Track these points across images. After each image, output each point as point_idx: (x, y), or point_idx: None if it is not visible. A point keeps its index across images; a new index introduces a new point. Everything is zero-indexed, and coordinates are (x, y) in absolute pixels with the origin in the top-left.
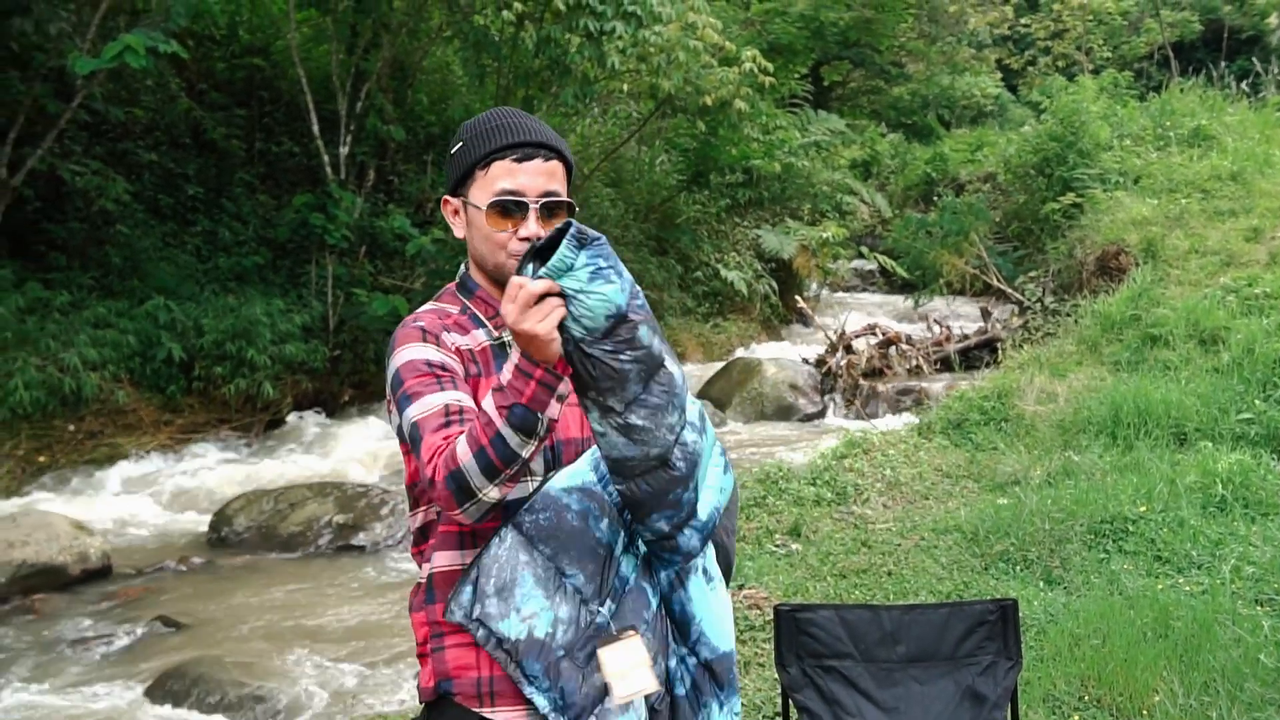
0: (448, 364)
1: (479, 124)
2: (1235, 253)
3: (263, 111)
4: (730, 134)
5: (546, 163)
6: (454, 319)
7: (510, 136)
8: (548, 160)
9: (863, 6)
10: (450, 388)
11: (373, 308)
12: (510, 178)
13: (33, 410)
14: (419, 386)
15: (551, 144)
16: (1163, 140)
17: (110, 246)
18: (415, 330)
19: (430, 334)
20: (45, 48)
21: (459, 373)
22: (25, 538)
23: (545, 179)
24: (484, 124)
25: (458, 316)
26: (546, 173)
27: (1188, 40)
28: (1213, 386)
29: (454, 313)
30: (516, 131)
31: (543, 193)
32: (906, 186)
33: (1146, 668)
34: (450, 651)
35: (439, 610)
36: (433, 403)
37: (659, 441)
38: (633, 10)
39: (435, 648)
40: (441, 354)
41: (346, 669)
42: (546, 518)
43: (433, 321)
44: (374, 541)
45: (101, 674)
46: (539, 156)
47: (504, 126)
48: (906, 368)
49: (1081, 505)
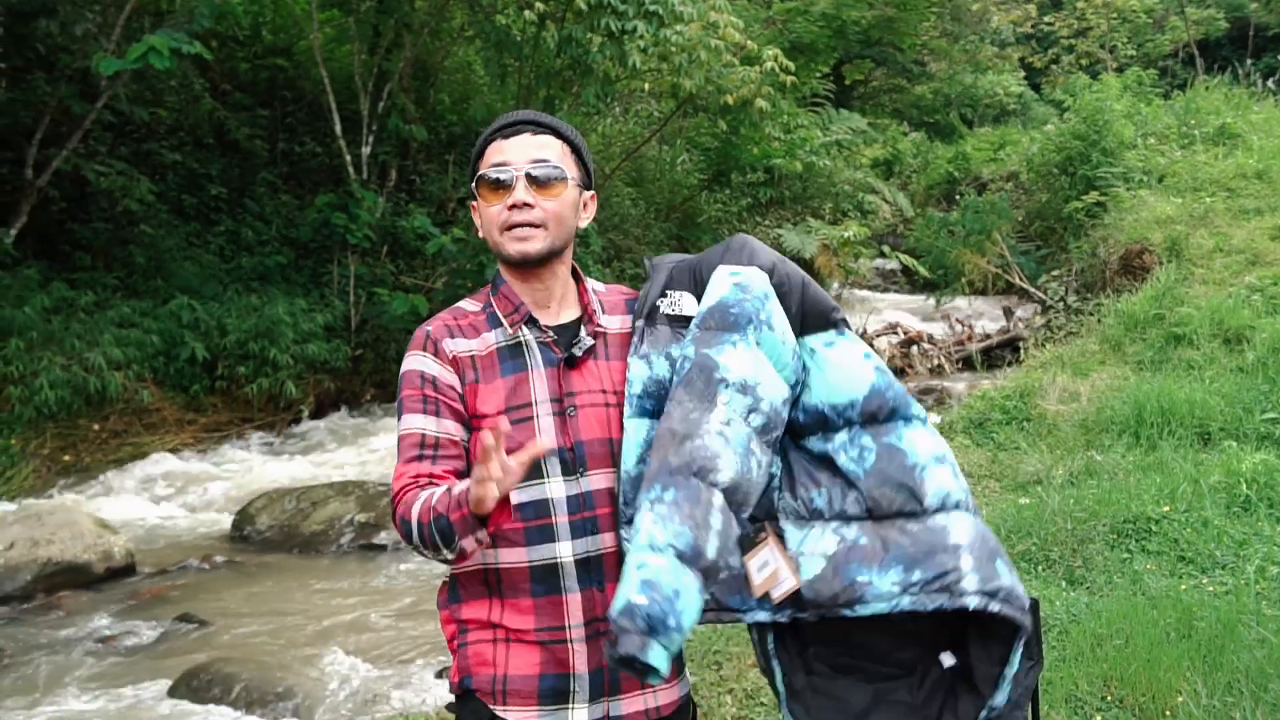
0: (439, 379)
1: (488, 126)
2: (1260, 251)
3: (285, 112)
4: (752, 133)
5: (535, 136)
6: (470, 319)
7: (501, 122)
8: (536, 134)
9: (885, 5)
10: (430, 411)
11: (394, 307)
12: (499, 154)
13: (58, 409)
14: (409, 401)
15: (540, 120)
16: (1187, 139)
17: (134, 246)
18: (421, 335)
19: (432, 341)
20: (71, 49)
21: (449, 385)
22: (50, 536)
23: (535, 149)
24: (490, 123)
25: (475, 316)
26: (535, 145)
27: (1213, 38)
28: (1237, 386)
29: (474, 311)
30: (510, 116)
31: (530, 160)
32: (928, 185)
33: (1170, 668)
34: (472, 648)
35: (462, 608)
36: (413, 425)
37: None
38: (654, 9)
39: (460, 644)
40: (436, 365)
41: (369, 667)
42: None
43: (440, 327)
44: (395, 540)
45: (125, 671)
46: (526, 131)
47: (501, 118)
48: (928, 367)
49: (1104, 505)
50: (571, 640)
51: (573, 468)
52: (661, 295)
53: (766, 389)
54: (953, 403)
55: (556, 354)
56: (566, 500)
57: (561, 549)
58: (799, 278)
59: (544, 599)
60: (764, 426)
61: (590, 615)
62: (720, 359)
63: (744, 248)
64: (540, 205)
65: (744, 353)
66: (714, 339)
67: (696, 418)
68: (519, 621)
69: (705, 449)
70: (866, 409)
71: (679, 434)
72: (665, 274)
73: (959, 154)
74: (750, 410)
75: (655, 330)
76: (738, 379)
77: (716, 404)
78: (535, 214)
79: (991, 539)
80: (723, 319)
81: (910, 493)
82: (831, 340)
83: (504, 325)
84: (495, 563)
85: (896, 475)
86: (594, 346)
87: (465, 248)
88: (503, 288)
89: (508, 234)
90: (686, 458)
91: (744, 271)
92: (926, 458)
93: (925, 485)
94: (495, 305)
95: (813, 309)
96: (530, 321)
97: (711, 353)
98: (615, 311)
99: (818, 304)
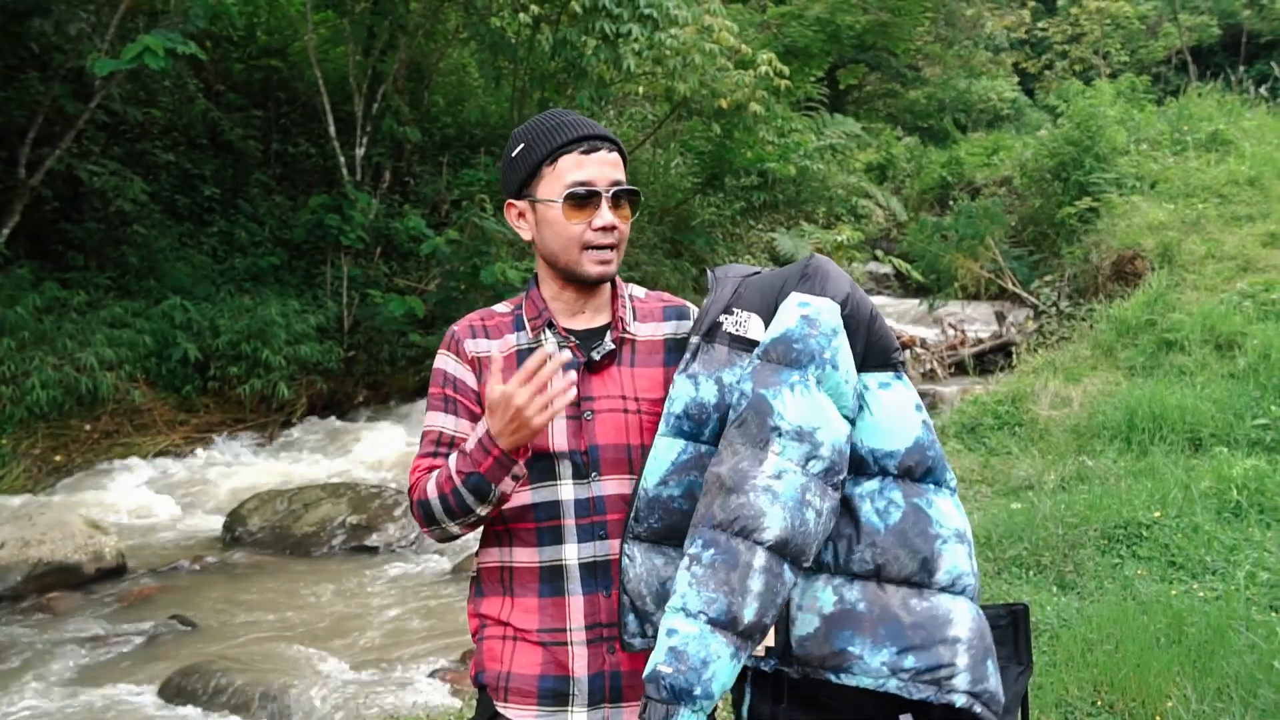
0: (459, 380)
1: (538, 124)
2: (1252, 258)
3: (279, 113)
4: (745, 137)
5: (610, 154)
6: (498, 320)
7: (575, 131)
8: (611, 152)
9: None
10: (450, 411)
11: (387, 309)
12: (580, 169)
13: (50, 409)
14: (433, 399)
15: (610, 136)
16: (1180, 145)
17: (127, 246)
18: (449, 335)
19: (456, 341)
20: (64, 48)
21: (467, 386)
22: (41, 536)
23: (612, 168)
24: (544, 124)
25: (503, 318)
26: (612, 163)
27: (1206, 45)
28: (1228, 392)
29: (503, 313)
30: (579, 126)
31: (612, 182)
32: (922, 190)
33: (1160, 673)
34: (486, 644)
35: (483, 603)
36: (433, 423)
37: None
38: (649, 13)
39: (480, 638)
40: (458, 366)
41: (359, 669)
42: (659, 519)
43: (465, 327)
44: (387, 542)
45: (115, 672)
46: (604, 148)
47: (566, 124)
48: (921, 371)
49: (1095, 510)
50: (572, 643)
51: (585, 471)
52: (727, 312)
53: (827, 432)
54: (945, 407)
55: (578, 357)
56: (575, 504)
57: (568, 551)
58: (867, 311)
59: (549, 600)
60: (827, 471)
61: (593, 620)
62: (776, 403)
63: (818, 274)
64: (619, 227)
65: (801, 397)
66: (773, 376)
67: (745, 468)
68: (525, 621)
69: (750, 506)
70: (905, 462)
71: (726, 485)
72: (730, 289)
73: (952, 159)
74: (809, 457)
75: (712, 349)
76: (793, 426)
77: (768, 453)
78: (615, 236)
79: (987, 635)
80: (785, 353)
81: (924, 563)
82: (888, 382)
83: (526, 329)
84: (510, 561)
85: (916, 541)
86: (617, 352)
87: (459, 249)
88: (532, 291)
89: (588, 253)
90: (731, 514)
91: (814, 303)
92: (949, 531)
93: (941, 560)
94: (524, 308)
95: (876, 346)
96: (550, 326)
97: (768, 394)
98: (650, 319)
99: (881, 341)
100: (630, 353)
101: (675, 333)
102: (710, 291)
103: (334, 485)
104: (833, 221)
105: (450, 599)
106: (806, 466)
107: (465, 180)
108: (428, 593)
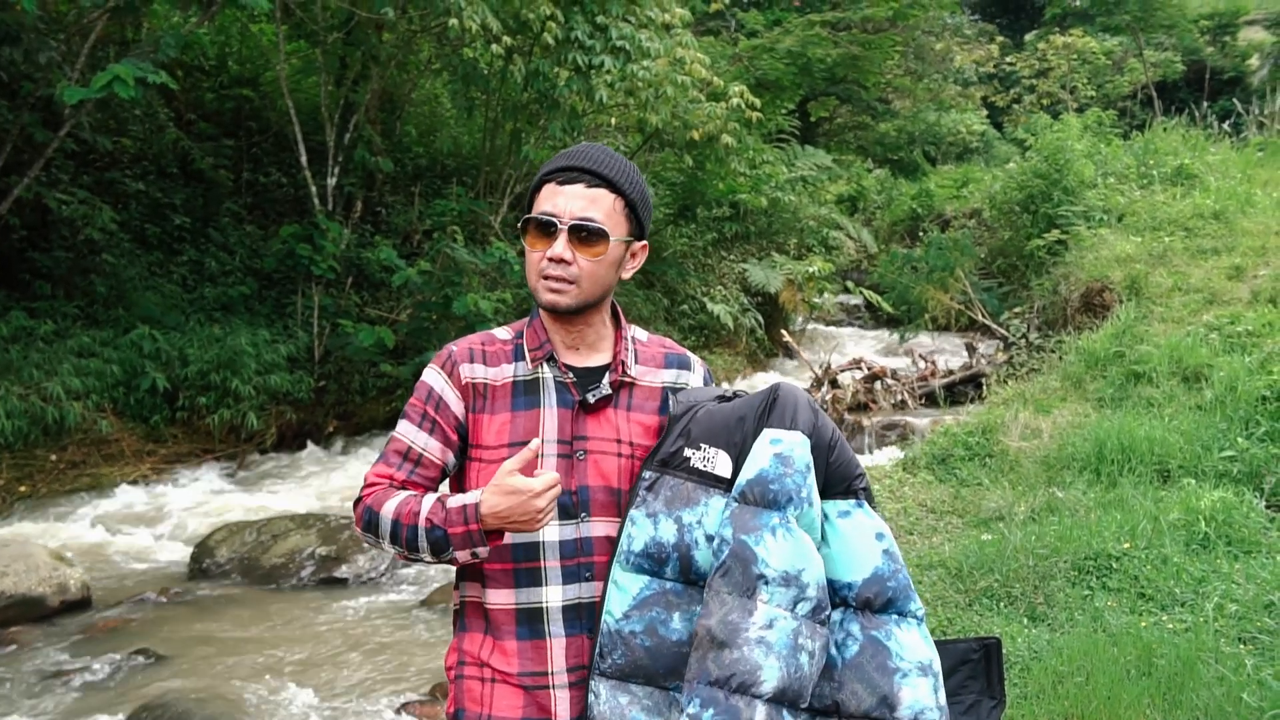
0: (444, 401)
1: (554, 157)
2: (1218, 291)
3: (251, 142)
4: (717, 168)
5: (590, 189)
6: (498, 347)
7: (562, 161)
8: (591, 186)
9: (850, 43)
10: (424, 429)
11: (358, 339)
12: (549, 200)
13: (14, 439)
14: (411, 410)
15: (600, 171)
16: (1146, 179)
17: (96, 275)
18: (445, 352)
19: (452, 362)
20: (34, 76)
21: (450, 410)
22: (4, 568)
23: (584, 203)
24: (555, 157)
25: (503, 345)
26: (587, 198)
27: (1170, 80)
28: (1196, 424)
29: (504, 340)
30: (569, 157)
31: (577, 217)
32: (892, 222)
33: (1130, 705)
34: (466, 683)
35: (464, 639)
36: (404, 434)
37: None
38: (622, 45)
39: (457, 675)
40: (447, 387)
41: (328, 702)
42: (621, 655)
43: (464, 349)
44: (356, 574)
45: (80, 706)
46: (581, 181)
47: (566, 154)
48: (892, 402)
49: (1065, 542)
50: (554, 686)
51: (574, 512)
52: (695, 448)
53: (811, 572)
54: (916, 438)
55: (574, 396)
56: (560, 545)
57: (550, 594)
58: (827, 438)
59: (528, 642)
60: (815, 610)
61: (576, 662)
62: (759, 550)
63: (787, 407)
64: (579, 262)
65: (784, 541)
66: (753, 520)
67: (735, 620)
68: (503, 664)
69: (745, 661)
70: (863, 594)
71: (718, 639)
72: (693, 420)
73: (922, 191)
74: (797, 600)
75: (675, 482)
76: (778, 572)
77: (756, 602)
78: (571, 270)
79: None
80: (763, 494)
81: (883, 699)
82: (848, 510)
83: (525, 360)
84: (485, 601)
85: (874, 676)
86: (614, 395)
87: (431, 280)
88: (535, 322)
89: (543, 282)
90: (727, 670)
91: (786, 439)
92: (911, 664)
93: (901, 694)
94: (525, 337)
95: (837, 473)
96: (551, 360)
97: (749, 540)
98: (651, 364)
99: (842, 468)
100: (628, 396)
101: (675, 381)
102: (673, 418)
103: (303, 516)
104: (804, 253)
105: (420, 632)
106: (795, 610)
107: (437, 210)
108: (397, 625)
